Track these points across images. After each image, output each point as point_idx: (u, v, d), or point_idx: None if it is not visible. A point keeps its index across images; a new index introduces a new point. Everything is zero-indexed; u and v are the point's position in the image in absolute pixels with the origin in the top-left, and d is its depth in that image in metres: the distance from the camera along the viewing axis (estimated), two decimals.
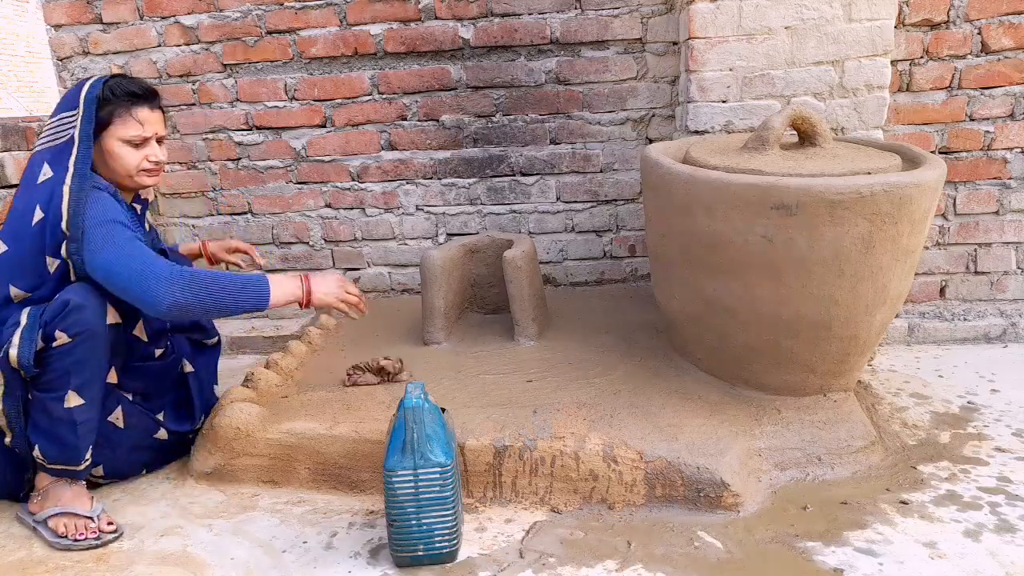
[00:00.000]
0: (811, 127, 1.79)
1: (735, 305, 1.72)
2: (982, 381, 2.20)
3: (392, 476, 1.40)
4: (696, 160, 1.79)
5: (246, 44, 2.66)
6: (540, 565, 1.45)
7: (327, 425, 1.77)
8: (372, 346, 2.26)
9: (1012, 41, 2.31)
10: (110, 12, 2.67)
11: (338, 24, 2.61)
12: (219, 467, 1.81)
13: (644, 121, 2.61)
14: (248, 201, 2.81)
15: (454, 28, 2.57)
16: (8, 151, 2.06)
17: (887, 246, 1.59)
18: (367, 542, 1.56)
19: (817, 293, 1.63)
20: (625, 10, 2.50)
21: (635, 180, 2.65)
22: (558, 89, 2.60)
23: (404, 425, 1.42)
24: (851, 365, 1.78)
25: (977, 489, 1.64)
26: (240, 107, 2.72)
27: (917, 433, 1.90)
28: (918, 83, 2.37)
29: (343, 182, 2.77)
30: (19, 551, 1.59)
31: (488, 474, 1.67)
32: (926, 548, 1.45)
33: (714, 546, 1.49)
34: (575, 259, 2.76)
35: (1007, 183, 2.43)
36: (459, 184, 2.72)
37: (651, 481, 1.61)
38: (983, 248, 2.49)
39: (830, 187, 1.53)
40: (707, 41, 2.18)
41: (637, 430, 1.68)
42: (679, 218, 1.76)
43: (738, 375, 1.85)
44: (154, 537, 1.62)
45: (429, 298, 2.21)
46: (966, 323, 2.51)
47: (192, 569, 1.50)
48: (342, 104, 2.68)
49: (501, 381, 1.95)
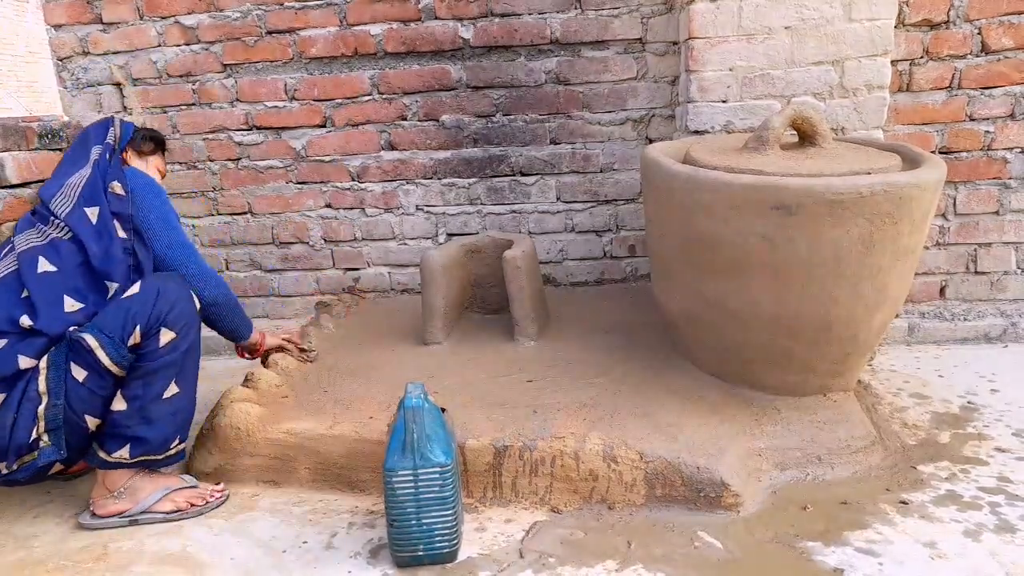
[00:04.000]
0: (811, 127, 1.79)
1: (735, 305, 1.72)
2: (982, 381, 2.20)
3: (392, 476, 1.40)
4: (696, 160, 1.79)
5: (246, 44, 2.65)
6: (540, 565, 1.45)
7: (327, 425, 1.77)
8: (371, 346, 2.26)
9: (1012, 41, 2.31)
10: (110, 12, 2.67)
11: (338, 24, 2.61)
12: (219, 467, 1.81)
13: (644, 121, 2.61)
14: (248, 201, 2.81)
15: (454, 28, 2.57)
16: (8, 151, 2.06)
17: (887, 246, 1.59)
18: (367, 542, 1.56)
19: (817, 293, 1.63)
20: (625, 10, 2.50)
21: (635, 180, 2.65)
22: (558, 89, 2.60)
23: (404, 425, 1.42)
24: (851, 365, 1.78)
25: (977, 489, 1.64)
26: (240, 107, 2.72)
27: (917, 433, 1.90)
28: (918, 83, 2.37)
29: (343, 182, 2.76)
30: (19, 551, 1.59)
31: (488, 474, 1.67)
32: (926, 548, 1.45)
33: (714, 546, 1.49)
34: (575, 259, 2.76)
35: (1007, 183, 2.43)
36: (459, 184, 2.72)
37: (651, 481, 1.61)
38: (983, 248, 2.49)
39: (830, 187, 1.53)
40: (707, 41, 2.18)
41: (637, 430, 1.68)
42: (679, 218, 1.76)
43: (738, 375, 1.85)
44: (154, 537, 1.62)
45: (429, 298, 2.21)
46: (966, 323, 2.51)
47: (192, 569, 1.50)
48: (342, 104, 2.68)
49: (501, 381, 1.95)
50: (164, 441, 1.65)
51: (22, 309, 1.57)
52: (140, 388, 1.60)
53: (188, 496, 1.71)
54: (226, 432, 1.78)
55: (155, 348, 1.59)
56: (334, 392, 1.94)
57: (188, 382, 1.69)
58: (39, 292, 1.59)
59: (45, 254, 1.65)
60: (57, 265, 1.64)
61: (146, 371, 1.60)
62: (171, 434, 1.66)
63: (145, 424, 1.61)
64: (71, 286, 1.62)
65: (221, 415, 1.80)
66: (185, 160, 2.79)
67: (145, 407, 1.61)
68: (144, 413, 1.61)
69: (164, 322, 1.60)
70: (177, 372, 1.64)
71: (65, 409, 1.55)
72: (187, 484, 1.73)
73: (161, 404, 1.63)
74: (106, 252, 1.67)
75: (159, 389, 1.62)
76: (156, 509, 1.67)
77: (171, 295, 1.62)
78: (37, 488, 1.85)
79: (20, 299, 1.59)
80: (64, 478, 1.87)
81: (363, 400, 1.88)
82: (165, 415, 1.64)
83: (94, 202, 1.72)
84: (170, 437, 1.66)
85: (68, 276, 1.63)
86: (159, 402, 1.62)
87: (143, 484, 1.68)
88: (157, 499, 1.68)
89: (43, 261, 1.63)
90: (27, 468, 1.56)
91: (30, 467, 1.56)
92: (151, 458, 1.65)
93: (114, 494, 1.66)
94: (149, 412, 1.61)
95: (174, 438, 1.68)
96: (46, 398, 1.53)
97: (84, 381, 1.55)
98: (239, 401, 1.83)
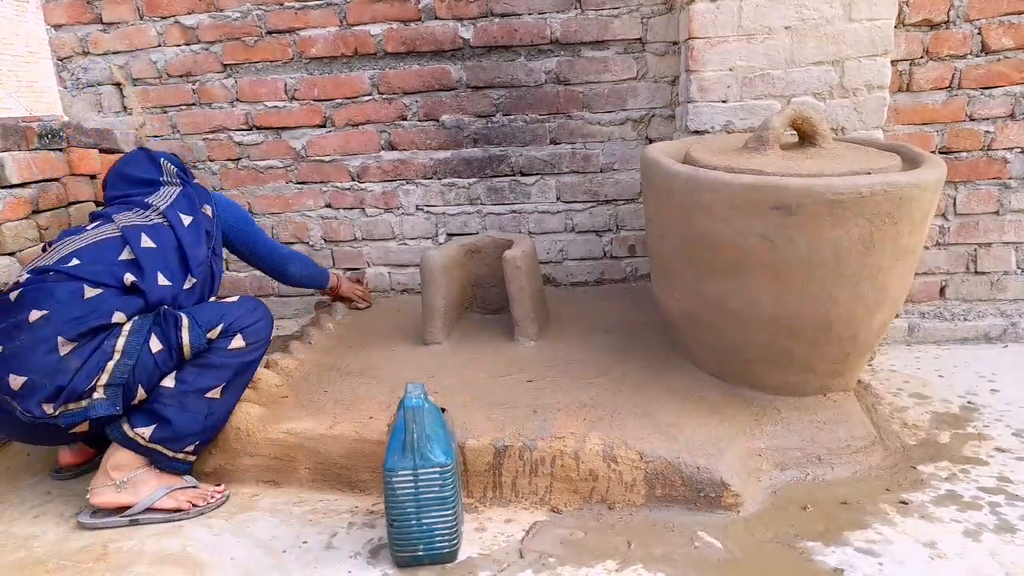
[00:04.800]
0: (811, 127, 1.79)
1: (735, 305, 1.72)
2: (982, 381, 2.20)
3: (392, 476, 1.40)
4: (696, 160, 1.79)
5: (246, 44, 2.65)
6: (540, 565, 1.45)
7: (327, 425, 1.77)
8: (371, 346, 2.26)
9: (1012, 41, 2.31)
10: (110, 12, 2.67)
11: (338, 24, 2.61)
12: (219, 467, 1.81)
13: (644, 121, 2.61)
14: (248, 201, 2.81)
15: (454, 28, 2.57)
16: (8, 151, 2.06)
17: (887, 246, 1.59)
18: (367, 542, 1.56)
19: (817, 293, 1.63)
20: (625, 10, 2.50)
21: (635, 180, 2.65)
22: (558, 89, 2.60)
23: (404, 425, 1.42)
24: (851, 365, 1.78)
25: (977, 489, 1.64)
26: (240, 107, 2.72)
27: (917, 433, 1.90)
28: (918, 83, 2.37)
29: (343, 182, 2.76)
30: (19, 551, 1.59)
31: (488, 474, 1.67)
32: (926, 548, 1.45)
33: (714, 546, 1.49)
34: (575, 259, 2.76)
35: (1007, 183, 2.43)
36: (459, 184, 2.72)
37: (651, 481, 1.61)
38: (983, 248, 2.49)
39: (830, 187, 1.53)
40: (707, 41, 2.18)
41: (637, 430, 1.68)
42: (679, 218, 1.76)
43: (738, 375, 1.85)
44: (154, 537, 1.62)
45: (429, 298, 2.21)
46: (966, 323, 2.51)
47: (192, 569, 1.50)
48: (342, 104, 2.68)
49: (501, 381, 1.95)
50: (185, 435, 1.67)
51: (125, 268, 1.70)
52: (193, 375, 1.68)
53: (190, 496, 1.71)
54: (226, 432, 1.78)
55: (224, 347, 1.71)
56: (334, 392, 1.94)
57: (232, 395, 1.75)
58: (145, 259, 1.74)
59: (148, 232, 1.80)
60: (157, 243, 1.80)
61: (206, 363, 1.69)
62: (196, 432, 1.69)
63: (179, 409, 1.66)
64: (165, 264, 1.78)
65: None
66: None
67: (187, 394, 1.66)
68: (183, 399, 1.66)
69: (242, 330, 1.74)
70: (228, 379, 1.71)
71: (133, 371, 1.61)
72: (188, 484, 1.73)
73: (201, 400, 1.68)
74: (194, 248, 1.87)
75: (207, 385, 1.69)
76: (158, 506, 1.67)
77: (258, 313, 1.80)
78: (37, 488, 1.85)
79: (121, 260, 1.72)
80: (65, 477, 1.87)
81: (363, 400, 1.88)
82: (199, 411, 1.68)
83: (189, 212, 1.93)
84: (193, 435, 1.69)
85: (165, 255, 1.80)
86: (200, 397, 1.68)
87: (147, 478, 1.68)
88: (160, 496, 1.67)
89: (145, 238, 1.79)
90: (71, 415, 1.58)
91: (74, 415, 1.58)
92: (165, 450, 1.67)
93: (116, 483, 1.65)
94: (187, 400, 1.67)
95: (195, 439, 1.70)
96: (119, 356, 1.60)
97: (156, 353, 1.64)
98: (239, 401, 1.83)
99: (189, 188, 2.03)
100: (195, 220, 1.94)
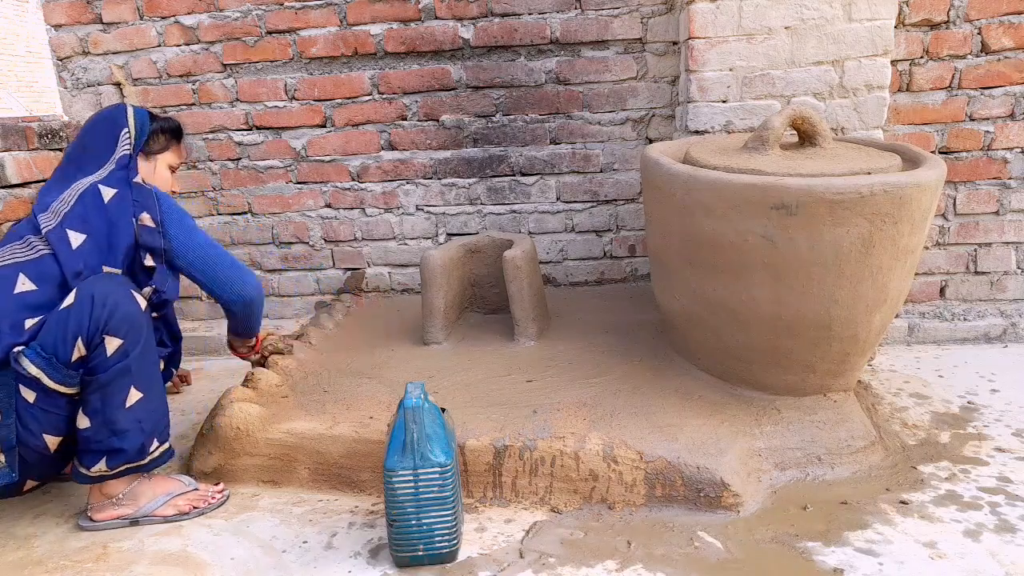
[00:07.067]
0: (811, 127, 1.79)
1: (735, 305, 1.72)
2: (982, 381, 2.20)
3: (392, 476, 1.40)
4: (696, 160, 1.79)
5: (246, 44, 2.65)
6: (540, 565, 1.45)
7: (327, 425, 1.77)
8: (371, 346, 2.26)
9: (1012, 41, 2.31)
10: (110, 12, 2.67)
11: (338, 24, 2.61)
12: (219, 467, 1.81)
13: (644, 121, 2.61)
14: (248, 201, 2.81)
15: (454, 28, 2.57)
16: (8, 151, 2.06)
17: (887, 246, 1.59)
18: (367, 542, 1.56)
19: (817, 293, 1.63)
20: (625, 10, 2.50)
21: (635, 180, 2.65)
22: (558, 89, 2.60)
23: (404, 425, 1.42)
24: (851, 365, 1.78)
25: (977, 489, 1.64)
26: (240, 107, 2.72)
27: (917, 433, 1.90)
28: (918, 83, 2.37)
29: (343, 182, 2.76)
30: (19, 551, 1.59)
31: (488, 474, 1.67)
32: (926, 548, 1.45)
33: (714, 546, 1.49)
34: (575, 259, 2.76)
35: (1007, 183, 2.43)
36: (459, 184, 2.72)
37: (651, 481, 1.61)
38: (983, 248, 2.49)
39: (830, 187, 1.53)
40: (707, 41, 2.18)
41: (637, 430, 1.68)
42: (679, 218, 1.76)
43: (738, 375, 1.85)
44: (154, 537, 1.62)
45: (429, 298, 2.21)
46: (966, 323, 2.51)
47: (192, 569, 1.50)
48: (342, 104, 2.68)
49: (501, 381, 1.95)
50: (141, 448, 1.59)
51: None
52: (99, 402, 1.51)
53: (190, 499, 1.70)
54: (226, 432, 1.78)
55: (103, 358, 1.49)
56: (334, 392, 1.94)
57: (150, 384, 1.59)
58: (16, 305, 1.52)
59: (26, 271, 1.55)
60: (37, 284, 1.55)
61: (100, 384, 1.50)
62: (146, 440, 1.59)
63: (115, 436, 1.54)
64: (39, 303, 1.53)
65: (221, 415, 1.79)
66: (186, 160, 2.79)
67: (109, 420, 1.52)
68: (111, 426, 1.53)
69: (107, 329, 1.48)
70: (134, 378, 1.54)
71: (18, 429, 1.48)
72: (188, 488, 1.72)
73: (126, 413, 1.54)
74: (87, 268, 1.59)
75: (119, 400, 1.53)
76: (158, 514, 1.67)
77: (108, 299, 1.49)
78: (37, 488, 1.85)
79: None
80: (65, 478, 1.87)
81: (363, 400, 1.88)
82: (133, 424, 1.55)
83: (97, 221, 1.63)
84: (146, 443, 1.60)
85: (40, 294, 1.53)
86: (123, 412, 1.53)
87: (143, 490, 1.67)
88: (159, 505, 1.67)
89: (23, 279, 1.54)
90: None
91: None
92: (134, 466, 1.60)
93: (113, 500, 1.65)
94: (115, 424, 1.53)
95: (151, 443, 1.61)
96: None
97: (35, 402, 1.48)
98: (239, 401, 1.83)
99: (121, 192, 1.68)
100: (107, 228, 1.62)
